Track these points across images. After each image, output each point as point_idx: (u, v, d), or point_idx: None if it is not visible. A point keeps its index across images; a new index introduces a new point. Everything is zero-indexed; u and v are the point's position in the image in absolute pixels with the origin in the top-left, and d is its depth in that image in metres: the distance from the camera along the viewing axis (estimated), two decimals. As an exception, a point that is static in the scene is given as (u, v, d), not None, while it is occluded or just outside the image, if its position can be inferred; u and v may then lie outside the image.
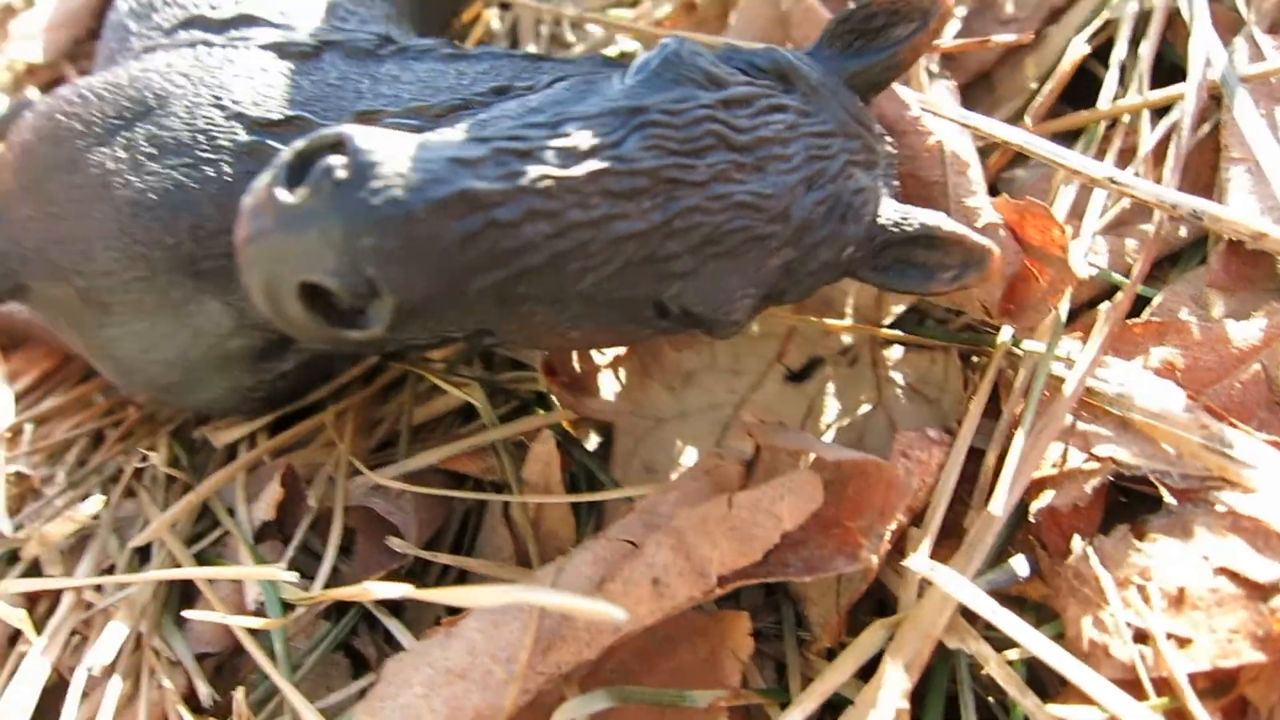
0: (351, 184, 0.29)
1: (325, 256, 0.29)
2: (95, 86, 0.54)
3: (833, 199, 0.39)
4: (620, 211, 0.34)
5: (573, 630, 0.40)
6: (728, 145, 0.37)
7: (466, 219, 0.30)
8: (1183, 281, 0.48)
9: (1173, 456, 0.42)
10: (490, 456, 0.57)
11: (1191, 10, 0.50)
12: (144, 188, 0.50)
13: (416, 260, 0.30)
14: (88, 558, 0.56)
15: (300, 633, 0.52)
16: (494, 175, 0.31)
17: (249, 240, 0.30)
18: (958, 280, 0.41)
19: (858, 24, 0.43)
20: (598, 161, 0.33)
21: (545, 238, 0.32)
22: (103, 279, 0.51)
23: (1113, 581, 0.39)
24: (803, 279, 0.41)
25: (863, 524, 0.40)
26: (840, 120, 0.40)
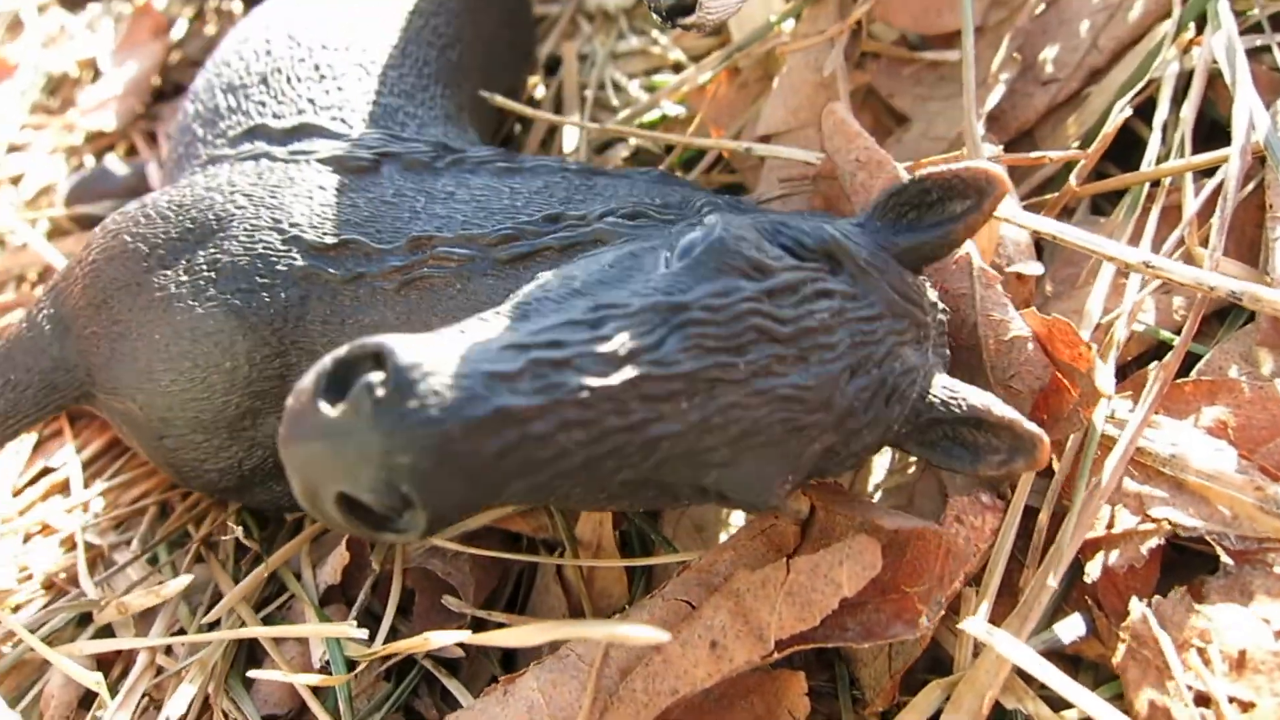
0: (389, 402, 0.30)
1: (362, 473, 0.30)
2: (160, 206, 0.55)
3: (877, 383, 0.39)
4: (657, 414, 0.34)
5: (630, 691, 0.41)
6: (770, 338, 0.36)
7: (502, 434, 0.31)
8: (1231, 339, 0.48)
9: (1228, 518, 0.42)
10: (542, 515, 0.58)
11: (1234, 74, 0.51)
12: (203, 313, 0.51)
13: (450, 478, 0.30)
14: (159, 622, 0.57)
15: (362, 694, 0.52)
16: (530, 389, 0.31)
17: (290, 442, 0.31)
18: (1005, 466, 0.40)
19: (911, 198, 0.42)
20: (636, 368, 0.33)
21: (580, 445, 0.32)
22: (161, 398, 0.53)
23: (1172, 644, 0.39)
24: (845, 458, 0.40)
25: (921, 590, 0.40)
26: (888, 300, 0.40)
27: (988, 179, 0.40)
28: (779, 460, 0.37)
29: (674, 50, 0.80)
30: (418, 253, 0.49)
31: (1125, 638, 0.41)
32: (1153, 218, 0.52)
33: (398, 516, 0.31)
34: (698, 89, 0.71)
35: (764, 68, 0.70)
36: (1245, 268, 0.49)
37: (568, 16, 0.88)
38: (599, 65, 0.81)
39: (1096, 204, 0.59)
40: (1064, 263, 0.54)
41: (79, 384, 0.57)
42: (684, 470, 0.36)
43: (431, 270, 0.49)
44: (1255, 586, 0.40)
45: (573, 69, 0.81)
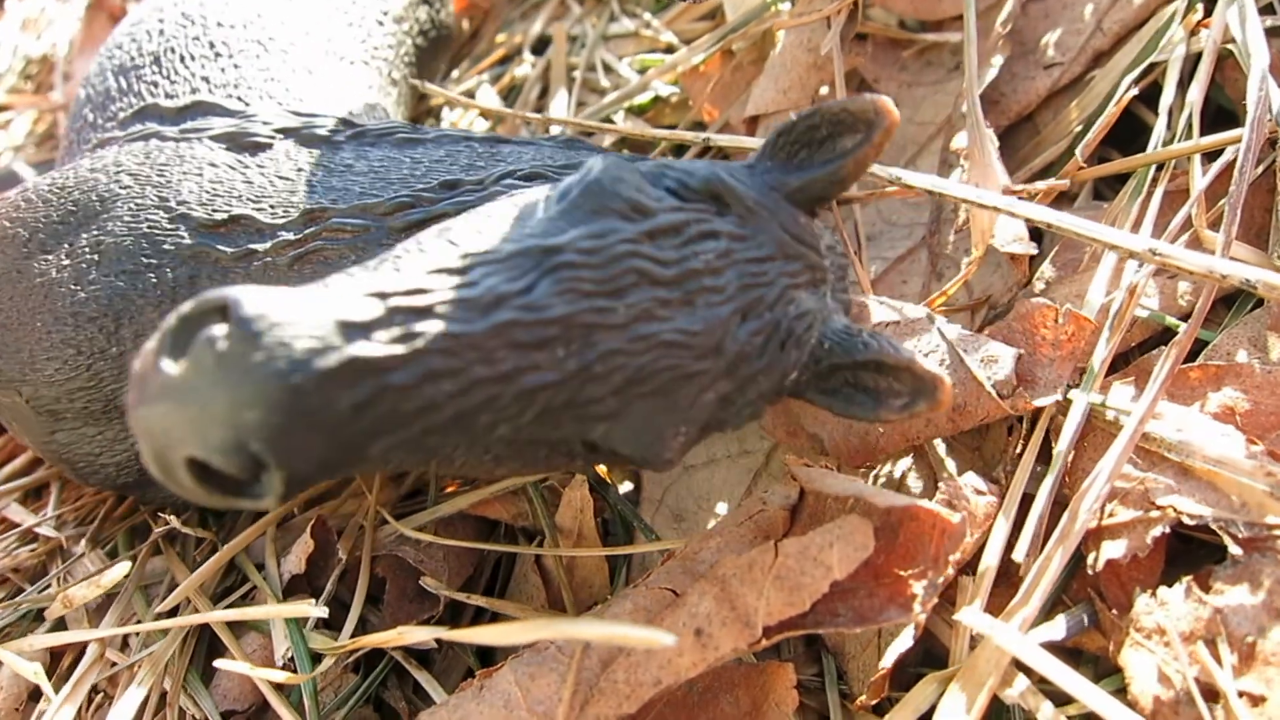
0: (232, 355, 0.28)
1: (210, 433, 0.27)
2: (42, 189, 0.53)
3: (770, 327, 0.37)
4: (530, 363, 0.32)
5: (611, 682, 0.39)
6: (651, 281, 0.34)
7: (357, 386, 0.29)
8: (1240, 324, 0.46)
9: (1236, 504, 0.40)
10: (521, 501, 0.56)
11: (1246, 40, 0.49)
12: (86, 297, 0.49)
13: (304, 432, 0.28)
14: (112, 615, 0.55)
15: (328, 686, 0.50)
16: (388, 338, 0.29)
17: (136, 407, 0.29)
18: (908, 409, 0.38)
19: (801, 135, 0.40)
20: (504, 313, 0.32)
21: (448, 396, 0.30)
22: (47, 388, 0.51)
23: (1179, 636, 0.37)
24: (742, 408, 0.38)
25: (915, 573, 0.38)
26: (780, 241, 0.38)
27: (876, 110, 0.38)
28: (669, 410, 0.35)
29: (666, 32, 0.78)
30: (311, 225, 0.47)
31: (1129, 630, 0.39)
32: (1155, 202, 0.51)
33: (254, 481, 0.29)
34: (690, 70, 0.69)
35: (758, 49, 0.68)
36: (1254, 251, 0.48)
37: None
38: (590, 46, 0.79)
39: (1099, 190, 0.57)
40: (1066, 246, 0.52)
41: None
42: (569, 424, 0.34)
43: (325, 243, 0.47)
44: (1265, 575, 0.38)
45: (562, 49, 0.79)
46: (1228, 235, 0.46)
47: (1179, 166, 0.52)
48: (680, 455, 0.37)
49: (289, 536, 0.58)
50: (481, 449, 0.34)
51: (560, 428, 0.34)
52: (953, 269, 0.55)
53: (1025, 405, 0.44)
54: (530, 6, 0.89)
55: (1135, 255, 0.44)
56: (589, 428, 0.34)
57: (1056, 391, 0.45)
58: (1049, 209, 0.47)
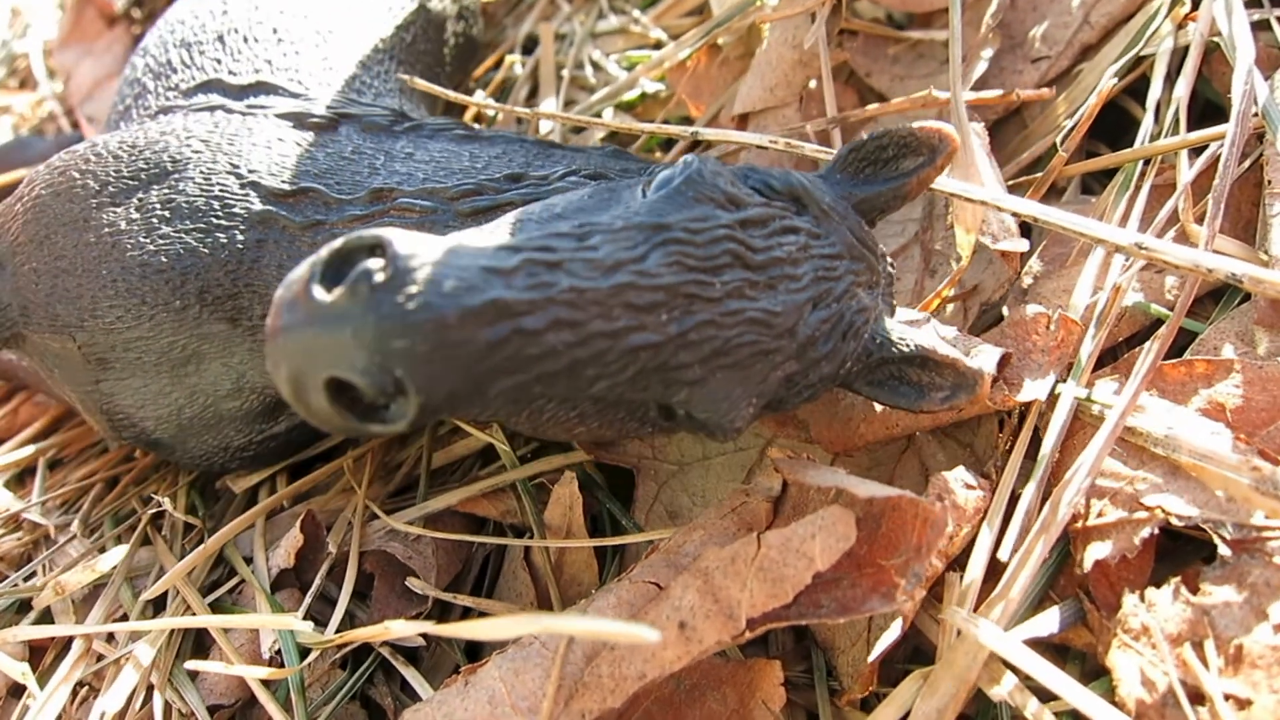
0: (388, 288, 0.30)
1: (357, 355, 0.30)
2: (111, 146, 0.54)
3: (836, 317, 0.41)
4: (639, 323, 0.35)
5: (595, 676, 0.39)
6: (743, 264, 0.38)
7: (496, 326, 0.31)
8: (1227, 318, 0.46)
9: (1224, 504, 0.40)
10: (510, 499, 0.55)
11: (1234, 43, 0.49)
12: (155, 250, 0.50)
13: (444, 363, 0.30)
14: (99, 607, 0.54)
15: (315, 683, 0.50)
16: (524, 285, 0.32)
17: (281, 331, 0.31)
18: (949, 401, 0.42)
19: (870, 153, 0.44)
20: (623, 275, 0.35)
21: (567, 345, 0.33)
22: (104, 335, 0.52)
23: (1165, 638, 0.37)
24: (803, 390, 0.42)
25: (898, 562, 0.38)
26: (847, 243, 0.42)
27: (940, 137, 0.42)
28: (745, 382, 0.38)
29: (654, 29, 0.77)
30: (379, 203, 0.49)
31: (1116, 631, 0.39)
32: (1142, 196, 0.51)
33: (385, 407, 0.31)
34: (677, 66, 0.69)
35: (744, 44, 0.68)
36: (1241, 245, 0.48)
37: (547, -3, 0.86)
38: (578, 44, 0.79)
39: (1086, 184, 0.57)
40: (1054, 241, 0.52)
41: (11, 323, 0.55)
42: (656, 386, 0.37)
43: (393, 220, 0.49)
44: (1253, 577, 0.38)
45: (550, 48, 0.79)
46: (1212, 229, 0.46)
47: (1166, 161, 0.52)
48: (747, 425, 0.40)
49: (278, 529, 0.58)
50: (571, 404, 0.37)
51: (648, 390, 0.37)
52: (945, 265, 0.54)
53: (1005, 399, 0.44)
54: (524, 8, 0.89)
55: (1122, 249, 0.44)
56: (672, 392, 0.37)
57: (1041, 388, 0.44)
58: (1037, 203, 0.47)
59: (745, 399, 0.39)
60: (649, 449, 0.55)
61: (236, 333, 0.52)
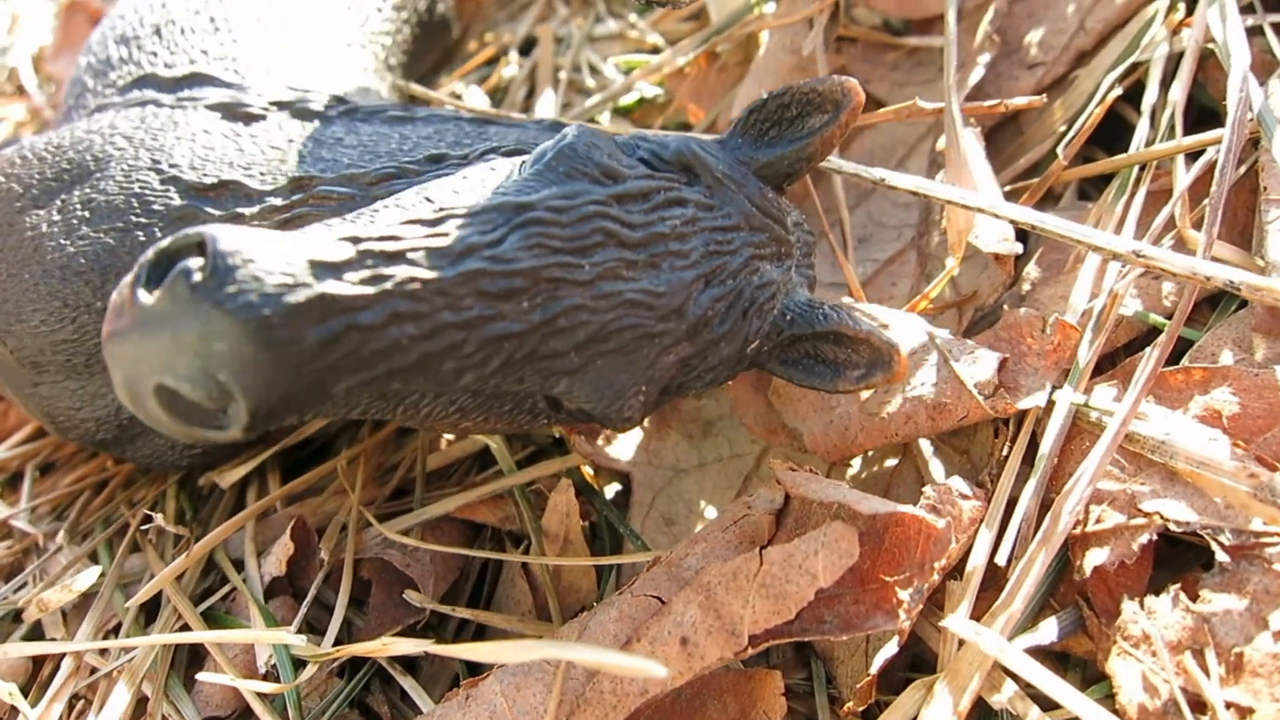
0: (206, 287, 0.29)
1: (177, 361, 0.29)
2: (38, 148, 0.54)
3: (734, 295, 0.38)
4: (495, 312, 0.33)
5: (597, 692, 0.39)
6: (618, 242, 0.36)
7: (326, 324, 0.30)
8: (1224, 325, 0.46)
9: (1222, 510, 0.40)
10: (508, 505, 0.55)
11: (1229, 49, 0.49)
12: (74, 251, 0.50)
13: (272, 365, 0.29)
14: (91, 616, 0.54)
15: (313, 691, 0.50)
16: (358, 279, 0.30)
17: (110, 338, 0.30)
18: (864, 380, 0.40)
19: (772, 113, 0.42)
20: (472, 262, 0.33)
21: (413, 339, 0.31)
22: (31, 339, 0.52)
23: (1165, 646, 0.37)
24: (703, 374, 0.40)
25: (901, 579, 0.38)
26: (746, 213, 0.40)
27: (844, 91, 0.40)
28: (630, 369, 0.36)
29: (652, 34, 0.77)
30: (298, 192, 0.48)
31: (1116, 638, 0.39)
32: (1138, 202, 0.51)
33: (220, 412, 0.29)
34: (676, 71, 0.68)
35: (743, 51, 0.68)
36: (1237, 251, 0.48)
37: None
38: (575, 47, 0.79)
39: (1083, 189, 0.57)
40: (1051, 247, 0.52)
41: None
42: (532, 377, 0.35)
43: (311, 209, 0.47)
44: (1252, 584, 0.38)
45: (548, 50, 0.79)
46: (1209, 236, 0.46)
47: (1162, 166, 0.52)
48: (641, 415, 0.38)
49: (268, 533, 0.57)
50: (447, 399, 0.35)
51: (524, 381, 0.35)
52: (941, 270, 0.54)
53: (1006, 407, 0.44)
54: (517, 7, 0.88)
55: (1119, 257, 0.44)
56: (551, 382, 0.36)
57: (1040, 395, 0.45)
58: (1033, 210, 0.47)
59: (632, 386, 0.37)
60: (642, 453, 0.55)
61: None
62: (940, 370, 0.46)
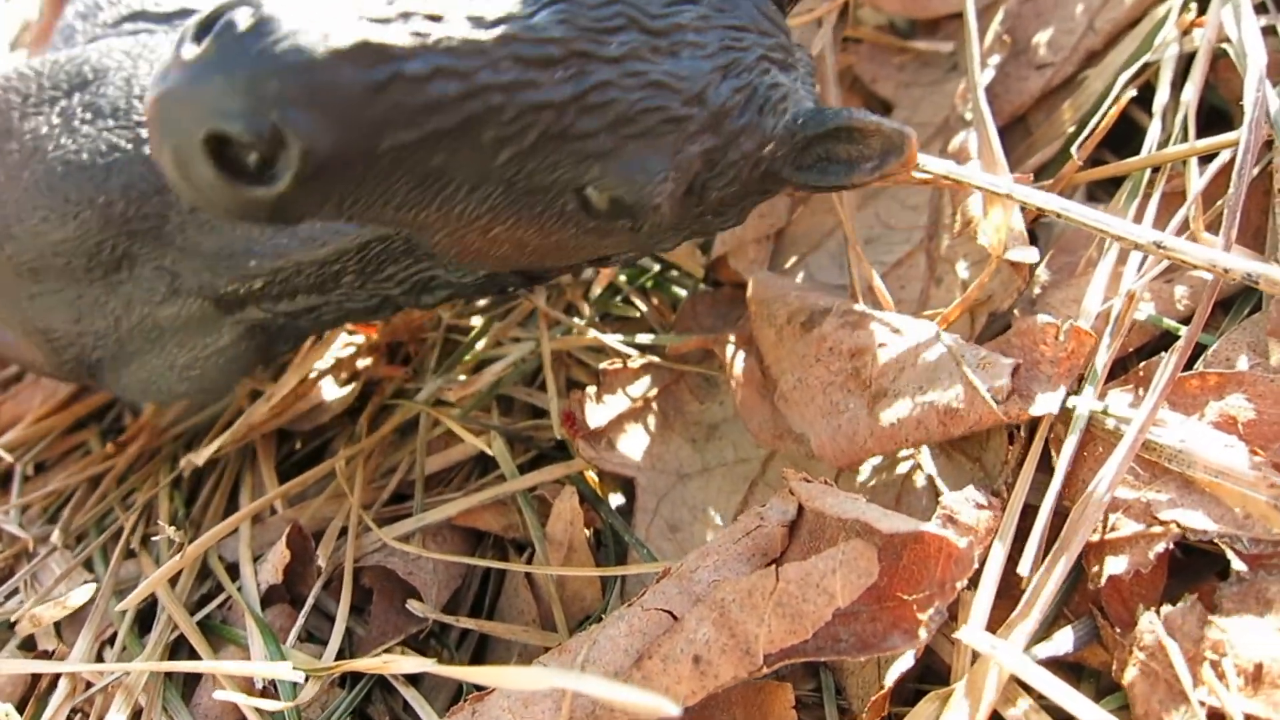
0: (255, 33, 0.29)
1: (230, 102, 0.29)
2: (34, 64, 0.53)
3: (749, 89, 0.39)
4: (531, 78, 0.34)
5: (609, 712, 0.38)
6: (640, 27, 0.37)
7: (374, 69, 0.30)
8: (1238, 328, 0.46)
9: (1239, 517, 0.39)
10: (511, 512, 0.55)
11: (1244, 49, 0.48)
12: (76, 148, 0.50)
13: (323, 108, 0.29)
14: (88, 626, 0.53)
15: (314, 701, 0.49)
16: (402, 31, 0.31)
17: (155, 101, 0.30)
18: (879, 169, 0.41)
19: None
20: (509, 27, 0.33)
21: (455, 98, 0.32)
22: (31, 240, 0.51)
23: (1183, 656, 0.37)
24: (725, 170, 0.40)
25: (920, 598, 0.37)
26: (753, 17, 0.40)
27: None
28: (658, 152, 0.37)
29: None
30: None
31: (1132, 649, 0.38)
32: (1152, 204, 0.50)
33: (270, 166, 0.30)
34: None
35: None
36: (1251, 253, 0.47)
37: None
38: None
39: (1092, 191, 0.56)
40: (1061, 250, 0.52)
41: None
42: (566, 162, 0.36)
43: None
44: (1272, 594, 0.37)
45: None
46: (1228, 237, 0.45)
47: (1174, 169, 0.51)
48: (668, 206, 0.39)
49: (265, 535, 0.56)
50: (481, 194, 0.36)
51: (557, 168, 0.36)
52: (950, 273, 0.54)
53: (1020, 414, 0.44)
54: None
55: (1141, 248, 0.43)
56: (584, 169, 0.37)
57: (1053, 400, 0.44)
58: (1059, 198, 0.46)
59: (661, 170, 0.37)
60: (647, 458, 0.54)
61: (165, 230, 0.50)
62: (952, 375, 0.45)
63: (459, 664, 0.51)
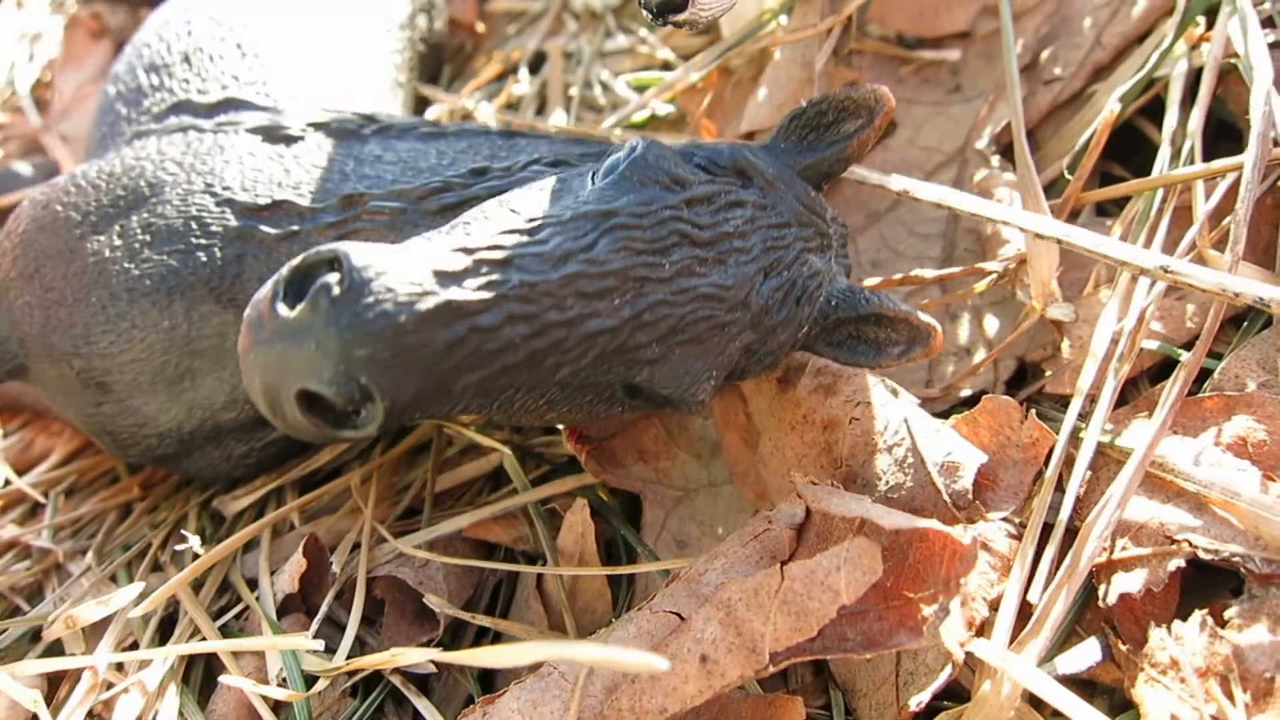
0: (346, 300, 0.31)
1: (322, 367, 0.31)
2: (90, 176, 0.56)
3: (789, 284, 0.42)
4: (592, 310, 0.36)
5: (615, 710, 0.38)
6: (691, 242, 0.39)
7: (452, 327, 0.33)
8: (1248, 346, 0.46)
9: (1252, 539, 0.39)
10: (522, 525, 0.55)
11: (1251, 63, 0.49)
12: (139, 274, 0.52)
13: (406, 367, 0.32)
14: (110, 634, 0.54)
15: (325, 711, 0.49)
16: (476, 285, 0.34)
17: (251, 349, 0.32)
18: (905, 355, 0.43)
19: (811, 119, 0.46)
20: (572, 265, 0.36)
21: (524, 338, 0.34)
22: (100, 360, 0.53)
23: (1195, 672, 0.37)
24: (763, 357, 0.43)
25: (926, 595, 0.37)
26: (794, 211, 0.43)
27: (877, 98, 0.44)
28: (704, 356, 0.40)
29: (662, 49, 0.77)
30: (350, 209, 0.51)
31: (1143, 665, 0.38)
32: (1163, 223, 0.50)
33: (356, 414, 0.32)
34: (688, 87, 0.68)
35: (757, 65, 0.68)
36: (1260, 270, 0.47)
37: (553, 14, 0.86)
38: (586, 63, 0.79)
39: (1102, 206, 0.56)
40: (1071, 265, 0.52)
41: (11, 356, 0.57)
42: (618, 367, 0.38)
43: (365, 224, 0.50)
44: (1282, 610, 0.37)
45: (557, 68, 0.79)
46: (1235, 254, 0.45)
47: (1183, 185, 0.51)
48: (711, 396, 0.41)
49: (283, 551, 0.57)
50: (539, 393, 0.38)
51: (610, 372, 0.38)
52: (967, 311, 0.54)
53: (980, 518, 0.43)
54: (526, 21, 0.88)
55: (1147, 273, 0.43)
56: (634, 371, 0.39)
57: (1015, 500, 0.43)
58: (1060, 223, 0.47)
59: (706, 372, 0.40)
60: (652, 473, 0.54)
61: (226, 347, 0.53)
62: (917, 473, 0.44)
63: (470, 676, 0.51)
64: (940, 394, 0.52)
